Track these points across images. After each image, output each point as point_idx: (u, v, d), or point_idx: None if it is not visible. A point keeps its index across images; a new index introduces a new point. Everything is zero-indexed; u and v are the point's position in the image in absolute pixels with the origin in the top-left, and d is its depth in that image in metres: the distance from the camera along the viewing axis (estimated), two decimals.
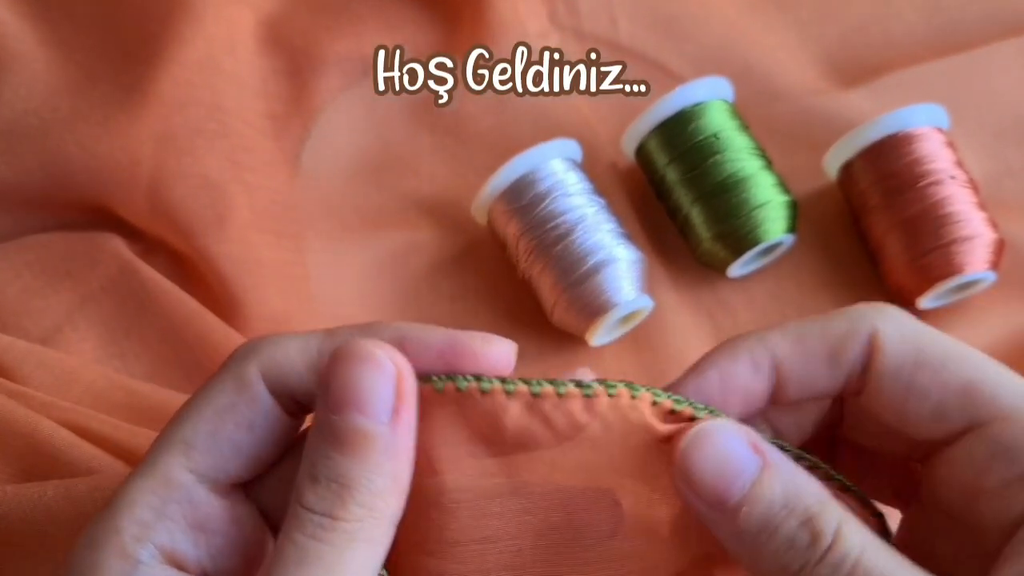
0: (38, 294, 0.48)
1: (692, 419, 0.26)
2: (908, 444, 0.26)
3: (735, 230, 0.48)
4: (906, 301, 0.48)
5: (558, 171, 0.48)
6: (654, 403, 0.26)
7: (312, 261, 0.51)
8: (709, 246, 0.49)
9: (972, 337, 0.48)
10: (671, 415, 0.26)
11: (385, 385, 0.24)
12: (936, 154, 0.48)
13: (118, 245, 0.49)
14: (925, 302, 0.48)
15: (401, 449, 0.24)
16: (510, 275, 0.50)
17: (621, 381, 0.26)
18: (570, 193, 0.48)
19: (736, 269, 0.50)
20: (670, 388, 0.27)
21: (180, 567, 0.25)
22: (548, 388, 0.25)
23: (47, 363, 0.44)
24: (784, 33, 0.58)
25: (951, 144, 0.49)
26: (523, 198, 0.48)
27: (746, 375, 0.26)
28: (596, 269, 0.46)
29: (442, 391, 0.25)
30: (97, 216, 0.50)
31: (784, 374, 0.26)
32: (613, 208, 0.49)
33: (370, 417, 0.24)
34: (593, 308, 0.46)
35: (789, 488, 0.24)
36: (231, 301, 0.47)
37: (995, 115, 0.54)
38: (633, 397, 0.25)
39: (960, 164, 0.48)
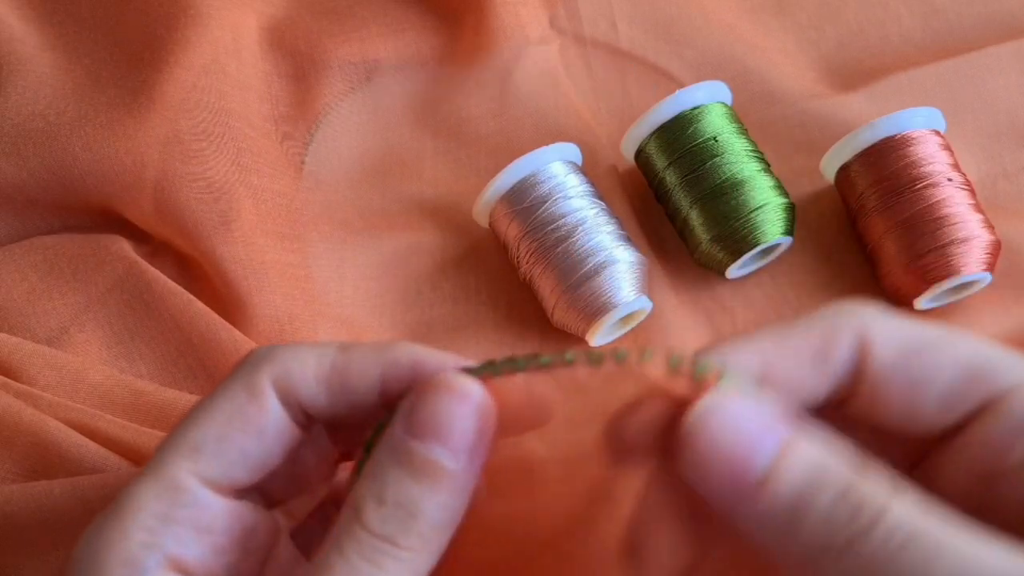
0: (44, 295, 0.48)
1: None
2: (902, 445, 0.24)
3: (733, 232, 0.48)
4: (903, 302, 0.49)
5: (559, 174, 0.48)
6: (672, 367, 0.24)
7: (315, 263, 0.51)
8: (708, 248, 0.49)
9: None
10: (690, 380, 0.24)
11: (471, 424, 0.24)
12: (933, 156, 0.48)
13: (124, 247, 0.49)
14: (922, 303, 0.48)
15: (467, 489, 0.24)
16: (511, 276, 0.51)
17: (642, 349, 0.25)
18: (570, 196, 0.48)
19: (734, 271, 0.50)
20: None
21: (185, 572, 0.25)
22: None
23: (53, 364, 0.44)
24: (782, 37, 0.58)
25: (948, 147, 0.49)
26: (524, 200, 0.48)
27: None
28: (596, 271, 0.46)
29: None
30: (103, 218, 0.50)
31: (769, 376, 0.24)
32: (613, 210, 0.49)
33: (451, 452, 0.24)
34: (593, 309, 0.47)
35: (818, 458, 0.21)
36: (236, 302, 0.47)
37: (991, 118, 0.54)
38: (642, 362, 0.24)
39: (957, 166, 0.49)
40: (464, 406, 0.24)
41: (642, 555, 0.24)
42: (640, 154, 0.51)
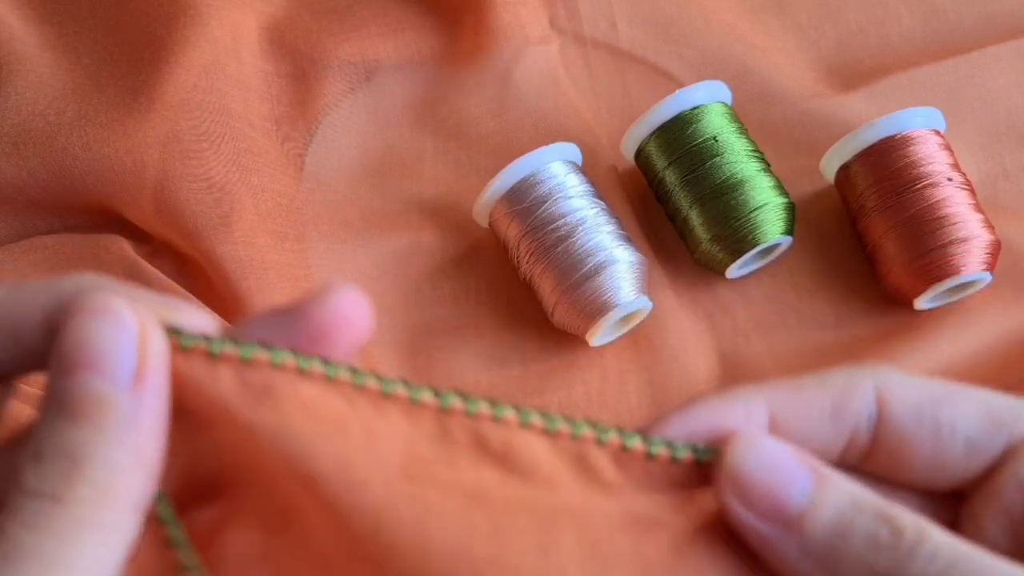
0: None
1: (673, 461, 0.23)
2: (922, 504, 0.24)
3: (734, 232, 0.48)
4: (903, 302, 0.48)
5: (559, 174, 0.48)
6: (623, 448, 0.22)
7: (316, 262, 0.51)
8: (708, 248, 0.49)
9: (968, 338, 0.48)
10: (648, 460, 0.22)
11: (125, 343, 0.20)
12: (933, 156, 0.48)
13: (124, 247, 0.49)
14: (922, 303, 0.48)
15: (146, 420, 0.20)
16: (511, 276, 0.51)
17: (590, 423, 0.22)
18: (571, 195, 0.48)
19: (735, 271, 0.50)
20: (649, 430, 0.23)
21: None
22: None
23: None
24: (782, 37, 0.58)
25: (948, 146, 0.49)
26: (524, 200, 0.48)
27: (739, 420, 0.23)
28: (596, 270, 0.46)
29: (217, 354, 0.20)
30: (103, 218, 0.50)
31: (780, 427, 0.23)
32: (613, 210, 0.49)
33: (106, 379, 0.20)
34: (593, 309, 0.47)
35: (854, 490, 0.22)
36: (236, 303, 0.47)
37: (991, 118, 0.54)
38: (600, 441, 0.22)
39: (957, 166, 0.49)
40: (109, 325, 0.20)
41: None
42: (640, 154, 0.51)
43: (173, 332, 0.21)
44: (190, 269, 0.50)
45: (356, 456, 0.20)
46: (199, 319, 0.22)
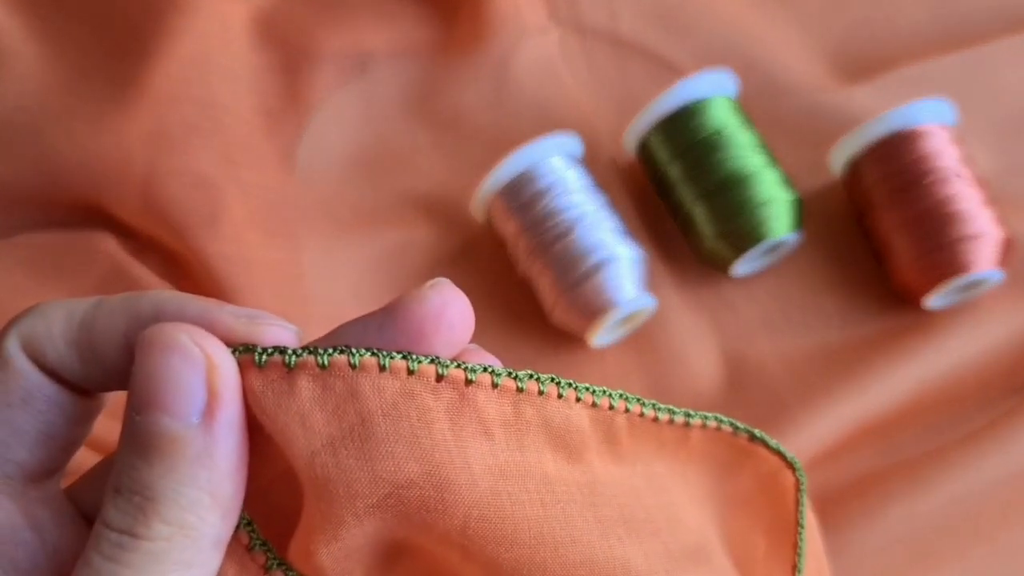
0: (30, 293, 0.47)
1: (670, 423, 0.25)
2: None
3: (738, 228, 0.47)
4: (912, 300, 0.48)
5: (558, 168, 0.48)
6: (641, 415, 0.24)
7: (307, 259, 0.51)
8: (712, 244, 0.48)
9: (977, 338, 0.47)
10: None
11: (192, 378, 0.20)
12: (942, 151, 0.47)
13: (111, 244, 0.48)
14: (931, 301, 0.47)
15: (220, 455, 0.21)
16: (509, 274, 0.50)
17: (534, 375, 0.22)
18: (570, 190, 0.47)
19: (739, 268, 0.49)
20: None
21: None
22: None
23: None
24: (789, 28, 0.57)
25: (958, 140, 0.48)
26: (522, 195, 0.47)
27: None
28: (597, 268, 0.46)
29: (292, 366, 0.20)
30: (90, 215, 0.50)
31: None
32: (613, 205, 0.49)
33: (175, 417, 0.20)
34: (594, 308, 0.46)
35: None
36: (224, 300, 0.47)
37: (1002, 111, 0.54)
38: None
39: (967, 161, 0.48)
40: (175, 360, 0.20)
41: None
42: (642, 147, 0.50)
43: (247, 350, 0.21)
44: (177, 266, 0.49)
45: (441, 455, 0.20)
46: (280, 330, 0.22)
